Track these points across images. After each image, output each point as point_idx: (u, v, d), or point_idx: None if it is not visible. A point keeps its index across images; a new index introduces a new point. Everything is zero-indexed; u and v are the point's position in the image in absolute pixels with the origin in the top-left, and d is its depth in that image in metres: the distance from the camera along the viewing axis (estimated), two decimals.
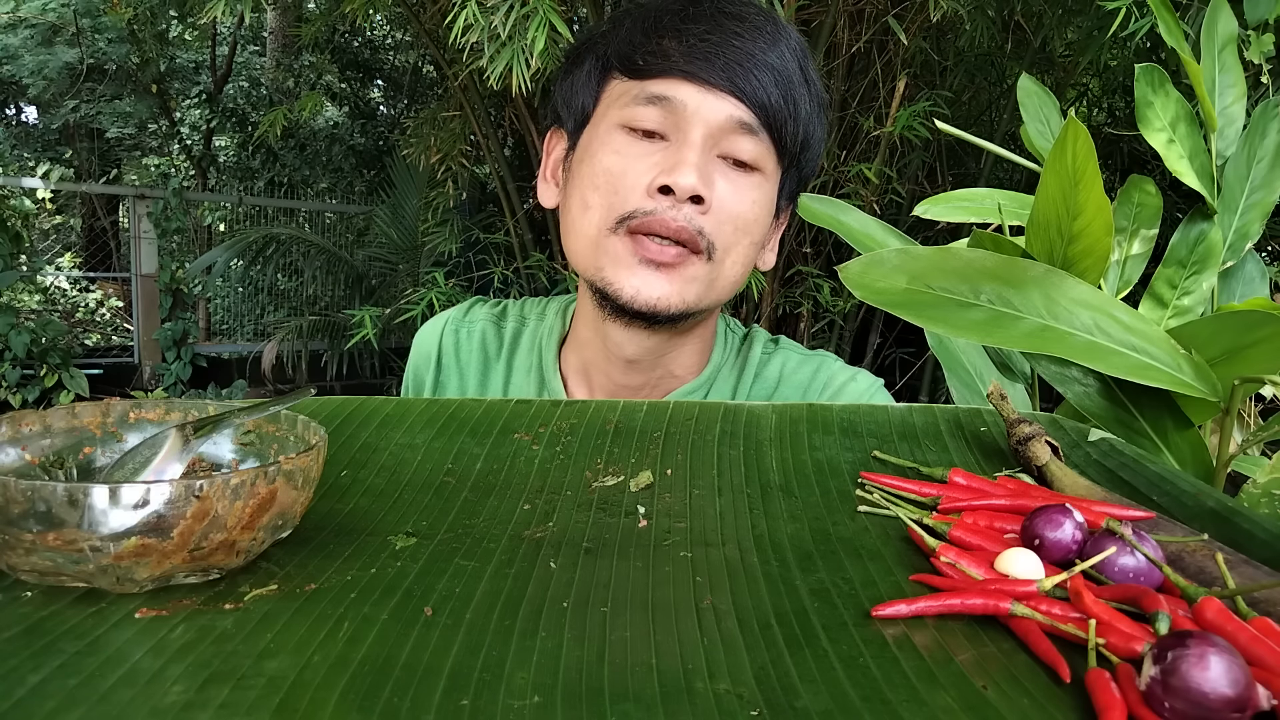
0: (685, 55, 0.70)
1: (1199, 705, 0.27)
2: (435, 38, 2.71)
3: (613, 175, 0.72)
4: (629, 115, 0.72)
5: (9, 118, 8.59)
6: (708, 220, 0.71)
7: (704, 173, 0.70)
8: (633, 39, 0.73)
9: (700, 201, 0.70)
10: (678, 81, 0.70)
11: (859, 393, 0.81)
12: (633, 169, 0.71)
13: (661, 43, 0.71)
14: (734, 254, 0.74)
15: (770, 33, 0.72)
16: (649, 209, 0.70)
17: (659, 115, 0.71)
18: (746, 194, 0.73)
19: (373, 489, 0.47)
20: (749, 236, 0.74)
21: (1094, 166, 0.68)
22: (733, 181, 0.73)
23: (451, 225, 3.36)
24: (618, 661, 0.31)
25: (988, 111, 3.08)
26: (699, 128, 0.70)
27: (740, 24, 0.71)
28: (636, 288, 0.72)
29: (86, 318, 7.12)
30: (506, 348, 0.88)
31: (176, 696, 0.28)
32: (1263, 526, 0.42)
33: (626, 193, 0.71)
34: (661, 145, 0.72)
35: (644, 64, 0.71)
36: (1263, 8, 1.20)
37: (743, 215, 0.73)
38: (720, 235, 0.72)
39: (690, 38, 0.70)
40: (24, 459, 0.41)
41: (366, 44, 6.98)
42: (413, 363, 0.92)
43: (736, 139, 0.71)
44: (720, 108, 0.70)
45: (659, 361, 0.80)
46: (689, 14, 0.72)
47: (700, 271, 0.73)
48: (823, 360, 0.84)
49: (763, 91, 0.70)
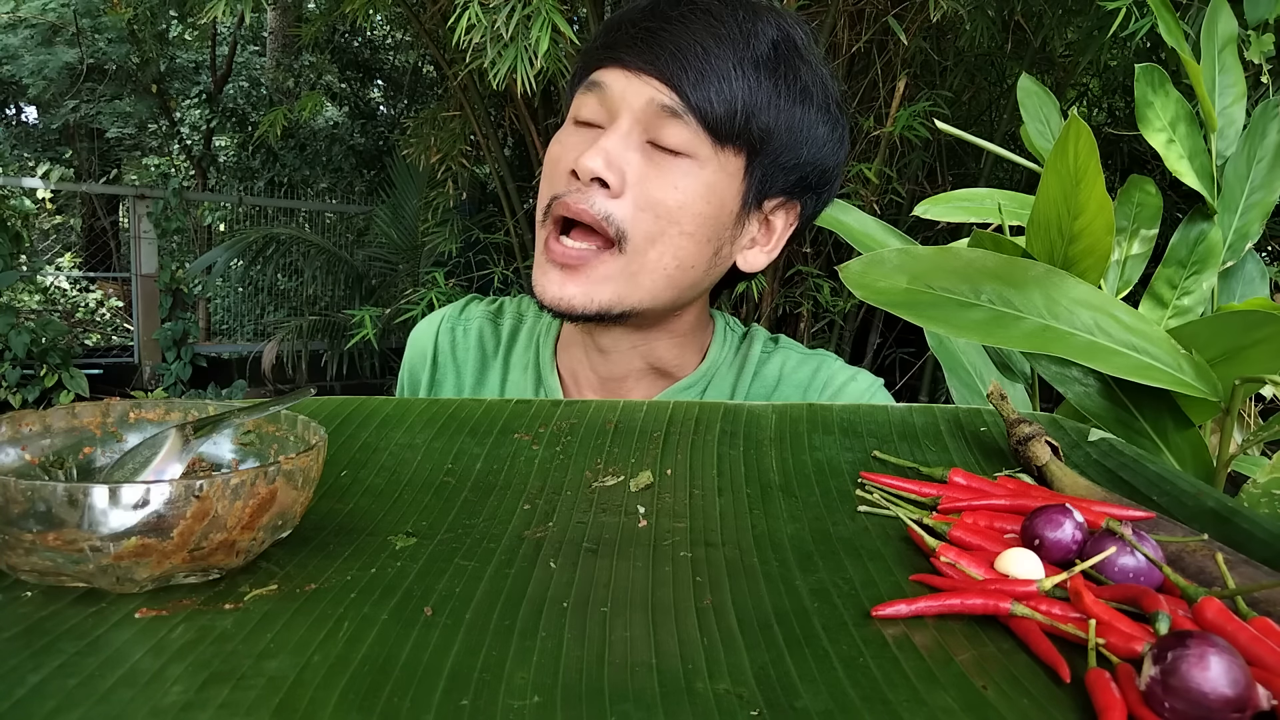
0: (623, 44, 0.71)
1: (1199, 705, 0.27)
2: (435, 38, 2.71)
3: (551, 161, 0.73)
4: (575, 106, 0.74)
5: (9, 118, 8.59)
6: (618, 205, 0.69)
7: (613, 156, 0.69)
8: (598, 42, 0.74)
9: (607, 187, 0.69)
10: (609, 69, 0.71)
11: (859, 392, 0.80)
12: (565, 156, 0.72)
13: (612, 35, 0.72)
14: (660, 245, 0.71)
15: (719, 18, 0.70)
16: (560, 191, 0.71)
17: (595, 103, 0.72)
18: (671, 180, 0.70)
19: (373, 489, 0.47)
20: (676, 225, 0.71)
21: (1095, 166, 0.68)
22: (658, 166, 0.70)
23: (451, 225, 3.36)
24: (618, 661, 0.31)
25: (988, 111, 3.08)
26: (624, 114, 0.70)
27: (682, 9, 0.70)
28: (544, 288, 0.72)
29: (86, 318, 7.12)
30: (504, 345, 0.87)
31: (176, 696, 0.28)
32: (1263, 526, 0.42)
33: (553, 178, 0.72)
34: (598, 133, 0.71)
35: (592, 57, 0.73)
36: (1263, 8, 1.20)
37: (663, 202, 0.70)
38: (637, 223, 0.70)
39: (630, 27, 0.71)
40: (24, 459, 0.41)
41: (366, 44, 6.98)
42: (408, 361, 0.91)
43: (662, 123, 0.69)
44: (643, 91, 0.70)
45: (635, 353, 0.79)
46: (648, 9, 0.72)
47: (613, 269, 0.71)
48: (823, 360, 0.83)
49: (684, 74, 0.68)
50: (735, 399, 0.80)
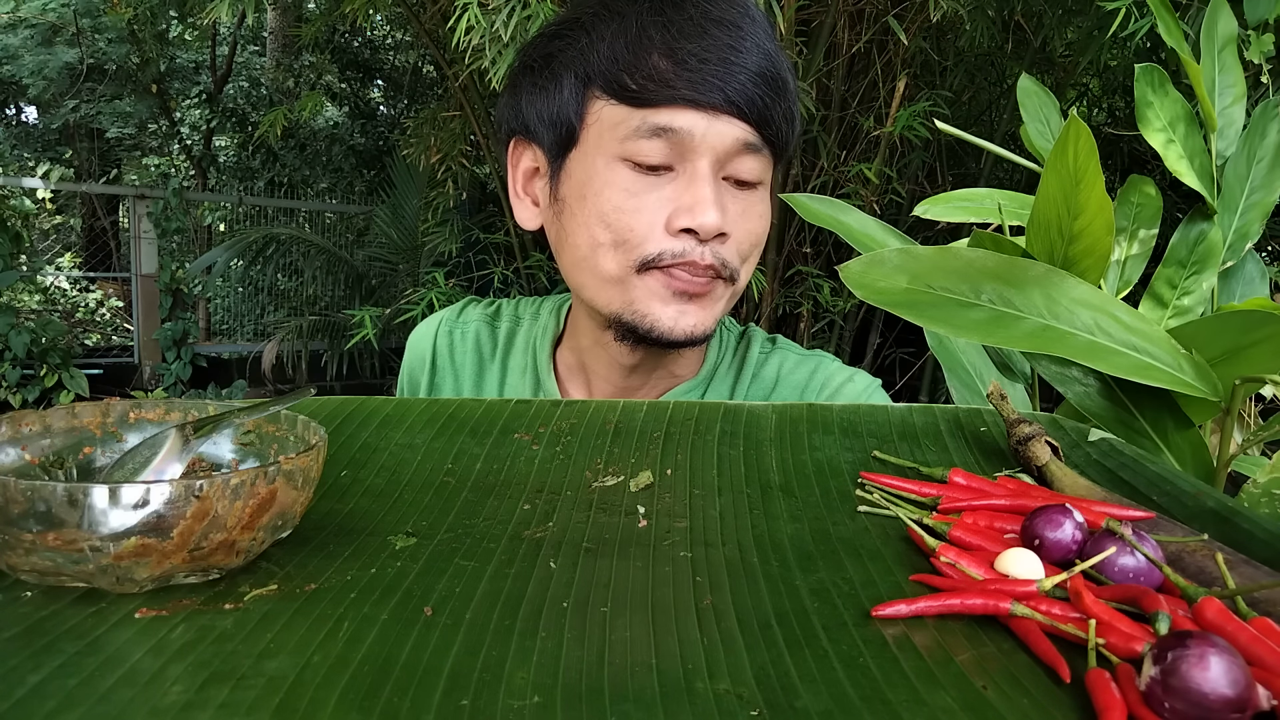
0: (686, 80, 0.66)
1: (1199, 705, 0.27)
2: (435, 38, 2.71)
3: (625, 214, 0.69)
4: (632, 149, 0.68)
5: (9, 118, 8.59)
6: (729, 249, 0.71)
7: (721, 206, 0.69)
8: (617, 57, 0.68)
9: (723, 235, 0.70)
10: (681, 110, 0.67)
11: (857, 393, 0.80)
12: (647, 208, 0.69)
13: (653, 63, 0.67)
14: (747, 266, 0.75)
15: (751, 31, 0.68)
16: (677, 250, 0.69)
17: (663, 147, 0.68)
18: (755, 211, 0.73)
19: (373, 489, 0.47)
20: (759, 249, 0.75)
21: (1095, 166, 0.68)
22: (742, 202, 0.72)
23: (451, 225, 3.36)
24: (618, 661, 0.31)
25: (988, 111, 3.08)
26: (706, 156, 0.68)
27: (728, 31, 0.67)
28: (674, 318, 0.71)
29: (86, 318, 7.12)
30: (501, 348, 0.87)
31: (176, 696, 0.28)
32: (1263, 526, 0.42)
33: (645, 232, 0.69)
34: (669, 177, 0.69)
35: (640, 90, 0.67)
36: (1263, 8, 1.20)
37: (756, 233, 0.73)
38: (739, 259, 0.73)
39: (685, 56, 0.66)
40: (24, 459, 0.41)
41: (366, 44, 6.98)
42: (407, 364, 0.91)
43: (741, 160, 0.70)
44: (726, 132, 0.68)
45: (660, 365, 0.81)
46: (676, 28, 0.67)
47: (725, 294, 0.74)
48: (820, 360, 0.83)
49: (763, 106, 0.68)
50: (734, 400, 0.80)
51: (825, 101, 2.46)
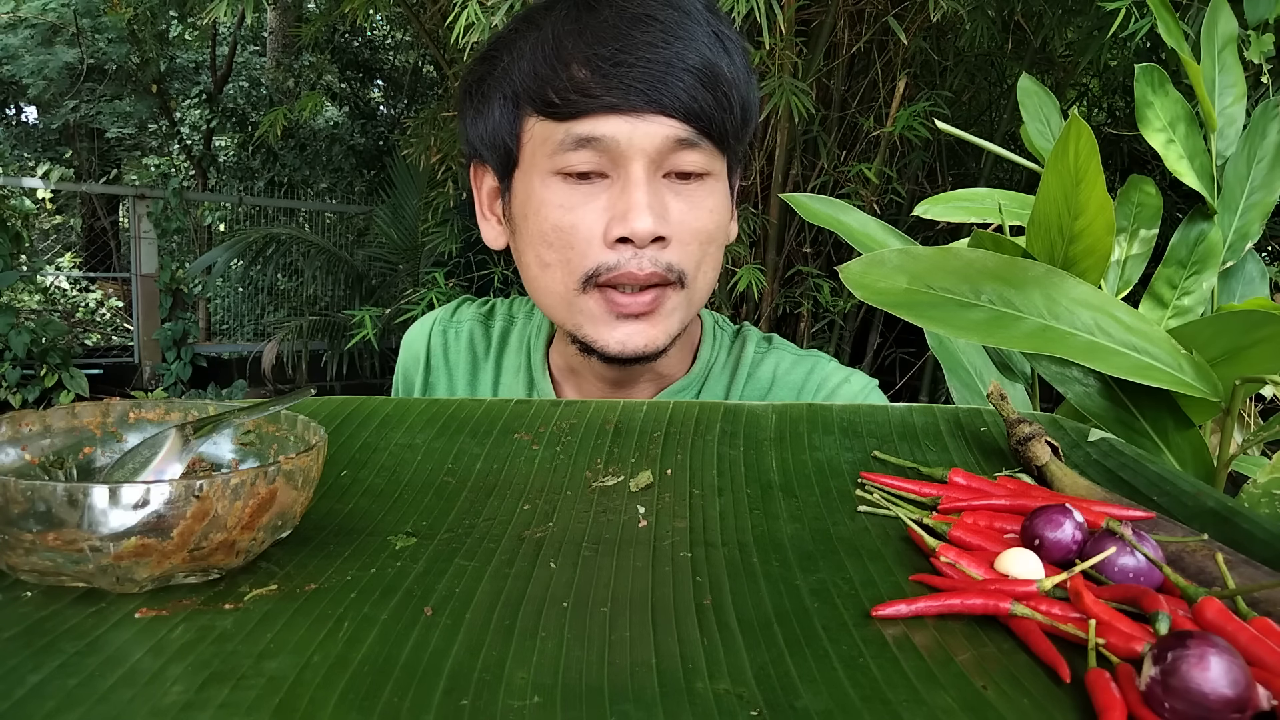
0: (604, 86, 0.64)
1: (1199, 705, 0.27)
2: (435, 38, 2.71)
3: (563, 231, 0.68)
4: (561, 162, 0.67)
5: (9, 118, 8.59)
6: (672, 252, 0.69)
7: (657, 208, 0.67)
8: (538, 71, 0.67)
9: (661, 239, 0.68)
10: (603, 117, 0.65)
11: (853, 393, 0.79)
12: (583, 221, 0.68)
13: (573, 73, 0.65)
14: (704, 265, 0.72)
15: (678, 22, 0.66)
16: (612, 263, 0.67)
17: (592, 156, 0.66)
18: (703, 205, 0.70)
19: (373, 489, 0.47)
20: (714, 243, 0.72)
21: (1096, 165, 0.68)
22: (686, 198, 0.69)
23: (451, 225, 3.36)
24: (618, 661, 0.31)
25: (988, 111, 3.08)
26: (637, 160, 0.66)
27: (647, 28, 0.65)
28: (622, 342, 0.70)
29: (86, 318, 7.12)
30: (495, 347, 0.86)
31: (176, 696, 0.28)
32: (1263, 526, 0.42)
33: (584, 248, 0.68)
34: (604, 185, 0.68)
35: (561, 103, 0.66)
36: (1263, 8, 1.20)
37: (704, 229, 0.70)
38: (688, 258, 0.70)
39: (601, 62, 0.64)
40: (24, 459, 0.41)
41: (366, 44, 6.99)
42: (402, 364, 0.91)
43: (679, 156, 0.68)
44: (654, 132, 0.66)
45: (641, 372, 0.79)
46: (592, 33, 0.65)
47: (678, 300, 0.71)
48: (817, 361, 0.82)
49: (691, 100, 0.65)
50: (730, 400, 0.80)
51: (825, 101, 2.46)
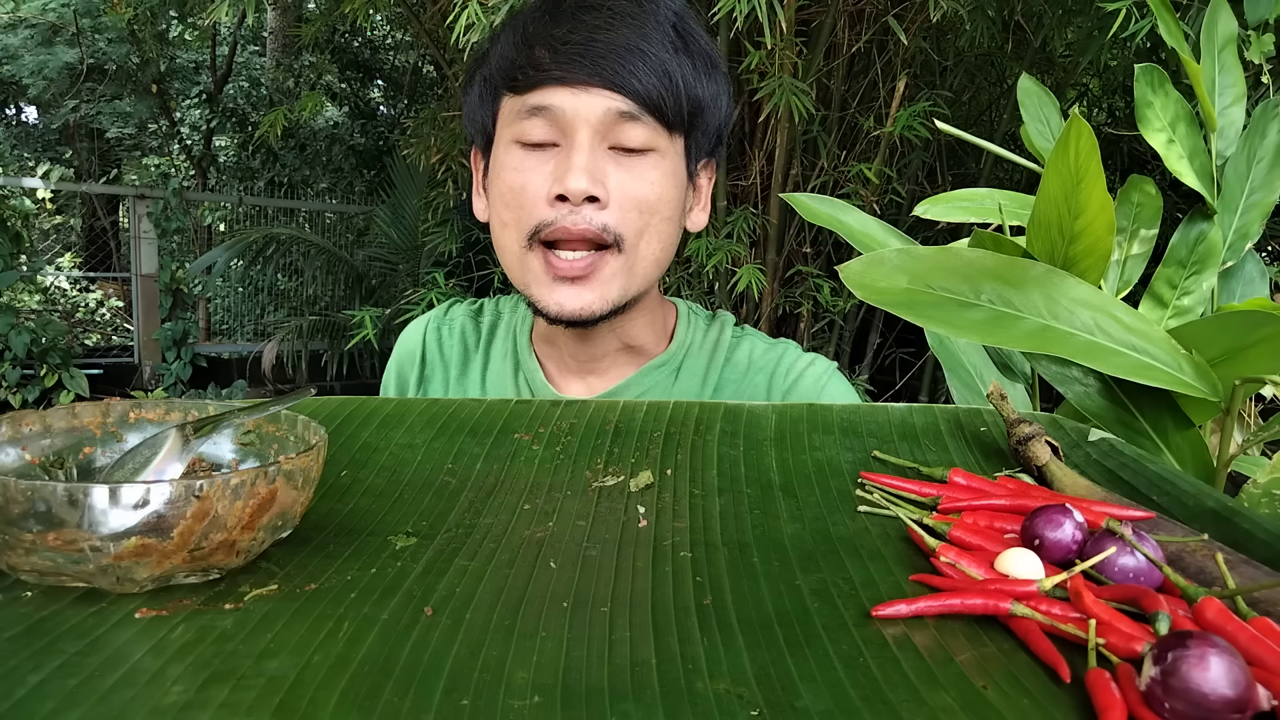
0: (554, 61, 0.72)
1: (1199, 706, 0.27)
2: (435, 38, 2.71)
3: (515, 191, 0.75)
4: (518, 130, 0.75)
5: (9, 118, 8.59)
6: (610, 214, 0.74)
7: (594, 171, 0.73)
8: (507, 54, 0.76)
9: (596, 200, 0.73)
10: (552, 89, 0.73)
11: (817, 374, 0.85)
12: (531, 182, 0.75)
13: (534, 53, 0.74)
14: (647, 235, 0.77)
15: (633, 14, 0.73)
16: (550, 219, 0.74)
17: (544, 125, 0.74)
18: (644, 176, 0.75)
19: (373, 489, 0.47)
20: (657, 214, 0.77)
21: (1097, 165, 0.68)
22: (628, 169, 0.75)
23: (451, 225, 3.36)
24: (618, 661, 0.31)
25: (988, 111, 3.08)
26: (582, 129, 0.73)
27: (599, 14, 0.73)
28: (559, 303, 0.75)
29: (86, 318, 7.12)
30: (484, 338, 0.93)
31: (176, 696, 0.28)
32: (1263, 526, 0.42)
33: (530, 206, 0.75)
34: (554, 152, 0.75)
35: (522, 78, 0.74)
36: (1263, 8, 1.20)
37: (644, 198, 0.75)
38: (627, 224, 0.75)
39: (556, 42, 0.73)
40: (24, 459, 0.41)
41: (366, 44, 6.98)
42: (396, 361, 0.95)
43: (622, 129, 0.74)
44: (596, 104, 0.73)
45: (613, 335, 0.83)
46: (552, 18, 0.74)
47: (616, 266, 0.76)
48: (786, 347, 0.89)
49: (633, 79, 0.72)
50: (709, 380, 0.85)
51: (825, 101, 2.46)
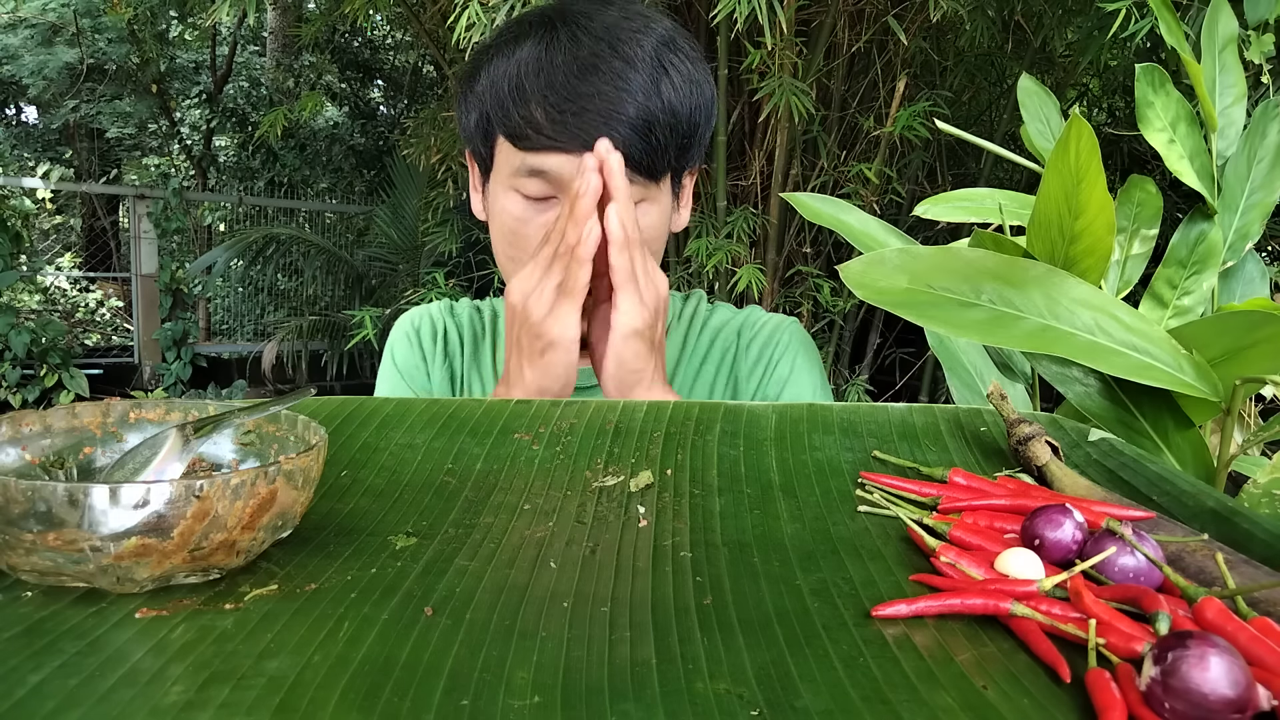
0: (554, 129, 0.75)
1: (1199, 706, 0.27)
2: (435, 38, 2.72)
3: (517, 237, 0.80)
4: (517, 184, 0.79)
5: (9, 118, 8.59)
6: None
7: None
8: (503, 103, 0.77)
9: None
10: (549, 154, 0.76)
11: (777, 323, 0.94)
12: (533, 234, 0.79)
13: (531, 111, 0.76)
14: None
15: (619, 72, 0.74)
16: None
17: (541, 183, 0.78)
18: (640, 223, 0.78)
19: (373, 489, 0.47)
20: (650, 248, 0.80)
21: (1097, 165, 0.68)
22: None
23: (451, 225, 3.36)
24: (618, 661, 0.30)
25: (988, 111, 3.08)
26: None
27: (595, 75, 0.74)
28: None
29: (86, 318, 7.12)
30: (489, 327, 0.99)
31: (176, 696, 0.28)
32: (1263, 526, 0.42)
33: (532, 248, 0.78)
34: (553, 204, 0.78)
35: (522, 136, 0.77)
36: (1263, 8, 1.20)
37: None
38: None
39: (551, 108, 0.75)
40: (24, 459, 0.41)
41: (366, 44, 6.99)
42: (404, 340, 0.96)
43: None
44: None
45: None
46: (548, 76, 0.75)
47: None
48: (751, 309, 0.97)
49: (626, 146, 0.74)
50: (685, 352, 0.94)
51: (825, 101, 2.46)
